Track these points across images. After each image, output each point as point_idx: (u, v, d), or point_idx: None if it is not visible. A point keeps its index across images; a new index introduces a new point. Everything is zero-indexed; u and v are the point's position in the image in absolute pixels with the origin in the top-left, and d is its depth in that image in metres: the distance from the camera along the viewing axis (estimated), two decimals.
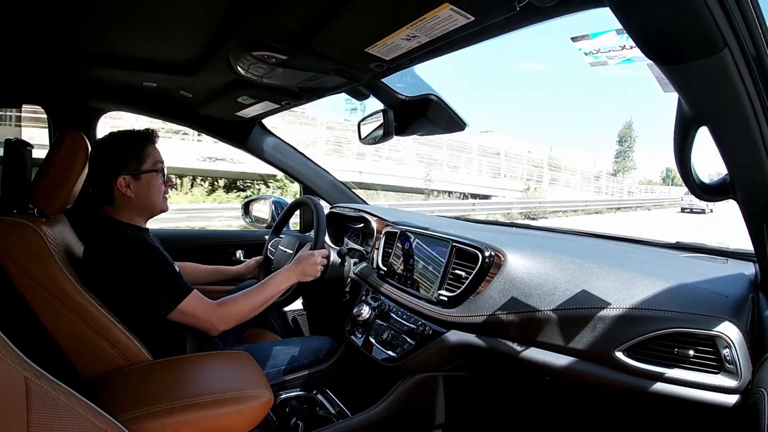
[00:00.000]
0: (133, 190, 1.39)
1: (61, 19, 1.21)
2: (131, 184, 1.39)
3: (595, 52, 1.03)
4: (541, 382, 1.31)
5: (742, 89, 0.66)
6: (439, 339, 1.38)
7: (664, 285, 1.07)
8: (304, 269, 1.57)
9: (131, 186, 1.39)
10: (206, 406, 1.10)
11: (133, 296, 1.30)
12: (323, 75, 1.34)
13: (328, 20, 1.01)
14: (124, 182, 1.37)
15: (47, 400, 0.59)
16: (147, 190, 1.42)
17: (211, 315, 1.36)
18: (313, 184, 2.47)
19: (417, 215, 2.26)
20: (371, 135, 1.74)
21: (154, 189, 1.43)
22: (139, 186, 1.40)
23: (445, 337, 1.37)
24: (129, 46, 1.39)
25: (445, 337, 1.37)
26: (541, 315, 1.17)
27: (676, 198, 32.78)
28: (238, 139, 2.31)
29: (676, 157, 0.86)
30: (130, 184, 1.38)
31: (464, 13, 0.88)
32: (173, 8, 1.10)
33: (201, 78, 1.59)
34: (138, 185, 1.40)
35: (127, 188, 1.38)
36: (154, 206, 1.46)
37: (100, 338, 1.23)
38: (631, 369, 1.00)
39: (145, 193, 1.41)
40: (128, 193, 1.38)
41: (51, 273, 1.19)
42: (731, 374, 0.91)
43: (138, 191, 1.40)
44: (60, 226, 1.39)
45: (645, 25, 0.64)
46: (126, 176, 1.38)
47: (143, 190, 1.41)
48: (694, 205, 24.70)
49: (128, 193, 1.38)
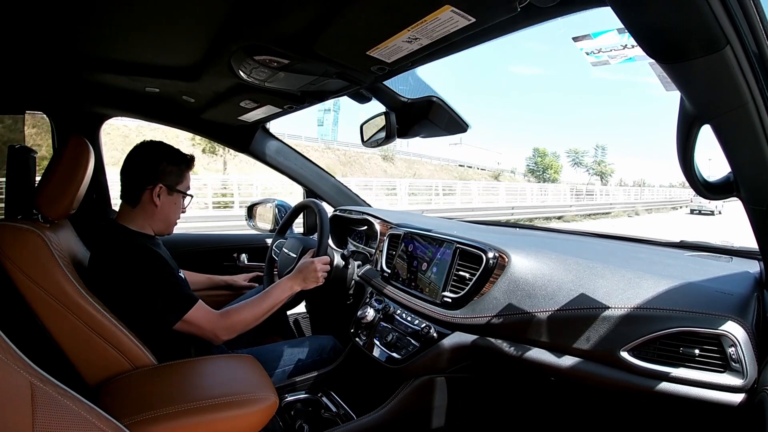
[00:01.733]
0: (162, 201, 1.43)
1: (64, 26, 1.22)
2: (162, 195, 1.42)
3: (596, 52, 1.03)
4: (547, 382, 1.31)
5: (745, 86, 0.66)
6: (443, 341, 1.38)
7: (669, 284, 1.06)
8: (307, 277, 1.57)
9: (161, 197, 1.42)
10: (211, 409, 1.10)
11: (139, 305, 1.31)
12: (325, 78, 1.35)
13: (330, 24, 1.01)
14: (158, 191, 1.41)
15: (52, 404, 0.59)
16: (172, 208, 1.48)
17: (215, 325, 1.37)
18: (316, 187, 2.48)
19: (420, 217, 2.26)
20: (374, 137, 1.74)
21: (177, 209, 1.50)
22: (168, 201, 1.45)
23: (449, 338, 1.37)
24: (131, 51, 1.40)
25: (449, 338, 1.37)
26: (546, 315, 1.17)
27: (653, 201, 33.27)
28: (241, 144, 2.31)
29: (679, 155, 0.86)
30: (161, 195, 1.42)
31: (465, 15, 0.88)
32: (175, 14, 1.10)
33: (203, 83, 1.59)
34: (168, 199, 1.45)
35: (157, 198, 1.41)
36: (169, 224, 1.51)
37: (105, 342, 1.23)
38: (636, 369, 1.00)
39: (169, 209, 1.46)
40: (156, 202, 1.42)
41: (55, 277, 1.19)
42: (737, 373, 0.91)
43: (165, 205, 1.44)
44: (64, 232, 1.40)
45: (646, 24, 0.64)
46: (163, 186, 1.42)
47: (169, 206, 1.46)
48: (704, 206, 24.86)
49: (156, 202, 1.42)
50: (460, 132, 1.64)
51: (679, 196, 36.28)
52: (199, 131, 2.29)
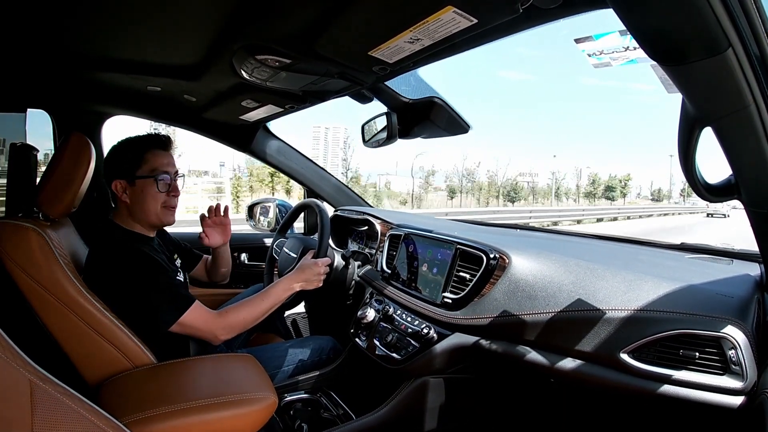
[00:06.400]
0: (129, 195, 1.39)
1: (66, 24, 1.22)
2: (127, 189, 1.39)
3: (598, 54, 1.03)
4: (546, 384, 1.31)
5: (746, 89, 0.66)
6: (443, 341, 1.38)
7: (669, 286, 1.06)
8: (307, 278, 1.57)
9: (127, 191, 1.39)
10: (210, 408, 1.10)
11: (134, 307, 1.30)
12: (327, 78, 1.35)
13: (332, 24, 1.01)
14: (120, 186, 1.38)
15: (51, 402, 0.59)
16: (141, 198, 1.39)
17: (213, 326, 1.37)
18: (317, 187, 2.48)
19: (420, 218, 2.26)
20: (375, 138, 1.74)
21: (148, 197, 1.40)
22: (133, 192, 1.39)
23: (449, 339, 1.37)
24: (133, 50, 1.40)
25: (449, 339, 1.37)
26: (546, 317, 1.17)
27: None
28: (243, 143, 2.32)
29: (681, 157, 0.86)
30: (126, 189, 1.38)
31: (467, 16, 0.88)
32: (177, 13, 1.10)
33: (205, 82, 1.59)
34: (132, 191, 1.39)
35: (123, 193, 1.38)
36: (148, 215, 1.41)
37: (104, 341, 1.23)
38: (636, 371, 1.00)
39: (138, 200, 1.39)
40: (124, 198, 1.38)
41: (55, 276, 1.19)
42: (737, 376, 0.91)
43: (132, 197, 1.39)
44: (65, 230, 1.40)
45: (648, 26, 0.64)
46: (121, 181, 1.38)
47: (137, 196, 1.39)
48: (717, 210, 27.90)
49: (124, 198, 1.39)
50: (462, 132, 1.64)
51: (695, 203, 37.71)
52: (200, 130, 2.29)
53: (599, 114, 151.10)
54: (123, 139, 1.43)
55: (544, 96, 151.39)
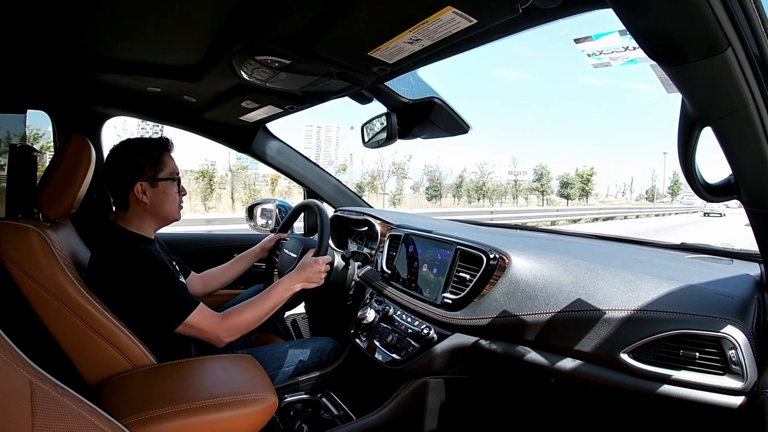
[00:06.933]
0: (149, 197, 1.40)
1: (66, 25, 1.22)
2: (147, 191, 1.39)
3: (598, 54, 1.03)
4: (546, 384, 1.31)
5: (746, 89, 0.66)
6: (443, 342, 1.38)
7: (669, 287, 1.06)
8: (308, 277, 1.57)
9: (147, 193, 1.39)
10: (211, 409, 1.10)
11: (138, 310, 1.30)
12: (327, 79, 1.35)
13: (331, 24, 1.01)
14: (140, 189, 1.38)
15: (52, 403, 0.59)
16: (162, 198, 1.42)
17: (217, 328, 1.36)
18: (317, 187, 2.48)
19: (420, 218, 2.26)
20: (374, 138, 1.74)
21: (170, 197, 1.44)
22: (155, 193, 1.41)
23: (449, 340, 1.37)
24: (133, 51, 1.40)
25: (449, 340, 1.37)
26: (546, 317, 1.17)
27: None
28: (242, 144, 2.32)
29: (680, 157, 0.86)
30: (146, 191, 1.39)
31: (467, 16, 0.88)
32: (177, 14, 1.10)
33: (205, 83, 1.59)
34: (154, 192, 1.40)
35: (143, 195, 1.39)
36: (168, 214, 1.46)
37: (104, 342, 1.23)
38: (636, 371, 1.00)
39: (160, 201, 1.42)
40: (144, 200, 1.39)
41: (55, 277, 1.19)
42: (737, 376, 0.91)
43: (153, 199, 1.40)
44: (65, 231, 1.40)
45: (648, 26, 0.64)
46: (143, 183, 1.39)
47: (159, 197, 1.41)
48: (714, 210, 28.38)
49: (144, 199, 1.39)
50: (462, 133, 1.64)
51: (692, 202, 37.61)
52: (200, 131, 2.29)
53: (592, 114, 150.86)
54: (134, 141, 1.44)
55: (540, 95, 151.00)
